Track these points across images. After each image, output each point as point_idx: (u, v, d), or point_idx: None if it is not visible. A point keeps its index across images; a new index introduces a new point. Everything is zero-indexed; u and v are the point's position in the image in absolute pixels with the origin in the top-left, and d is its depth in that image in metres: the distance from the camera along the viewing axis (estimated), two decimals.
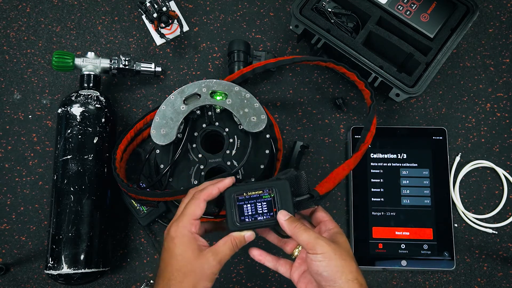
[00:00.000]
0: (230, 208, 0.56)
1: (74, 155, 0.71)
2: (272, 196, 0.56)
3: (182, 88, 0.69)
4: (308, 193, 0.56)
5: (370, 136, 0.66)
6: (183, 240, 0.54)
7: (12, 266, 0.77)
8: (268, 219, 0.56)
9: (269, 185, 0.56)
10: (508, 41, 0.84)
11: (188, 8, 0.87)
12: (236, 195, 0.56)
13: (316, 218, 0.59)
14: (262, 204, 0.56)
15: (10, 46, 0.85)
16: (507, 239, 0.78)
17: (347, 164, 0.62)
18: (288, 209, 0.55)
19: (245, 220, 0.56)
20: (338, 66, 0.71)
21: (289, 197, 0.55)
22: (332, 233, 0.56)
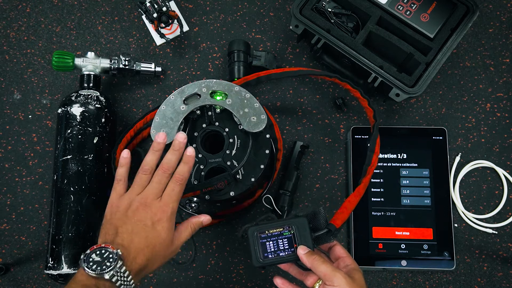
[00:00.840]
0: (253, 245, 0.59)
1: (74, 155, 0.71)
2: (292, 233, 0.59)
3: (182, 88, 0.69)
4: (325, 228, 0.59)
5: (376, 158, 0.67)
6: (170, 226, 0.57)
7: (12, 266, 0.77)
8: (290, 254, 0.58)
9: (288, 222, 0.59)
10: (508, 41, 0.84)
11: (188, 8, 0.87)
12: (258, 233, 0.59)
13: (335, 253, 0.61)
14: (283, 241, 0.59)
15: (10, 46, 0.85)
16: (507, 239, 0.78)
17: (358, 191, 0.64)
18: (307, 244, 0.58)
19: (268, 257, 0.59)
20: (342, 82, 0.72)
21: (308, 233, 0.58)
22: (349, 269, 0.57)
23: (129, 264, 0.53)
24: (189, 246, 0.78)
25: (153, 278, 0.77)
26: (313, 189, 0.80)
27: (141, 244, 0.55)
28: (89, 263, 0.52)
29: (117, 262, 0.52)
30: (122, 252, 0.53)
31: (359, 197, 0.64)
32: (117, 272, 0.52)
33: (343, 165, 0.81)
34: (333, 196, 0.80)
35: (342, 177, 0.80)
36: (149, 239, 0.55)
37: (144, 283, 0.77)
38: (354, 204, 0.63)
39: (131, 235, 0.55)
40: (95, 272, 0.51)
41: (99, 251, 0.53)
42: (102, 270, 0.51)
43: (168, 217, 0.57)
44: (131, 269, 0.53)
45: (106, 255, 0.52)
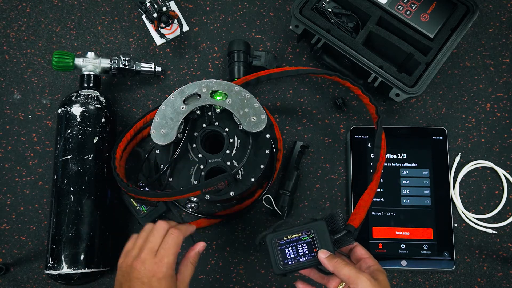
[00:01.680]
0: (273, 253, 0.58)
1: (74, 155, 0.71)
2: (311, 237, 0.58)
3: (182, 88, 0.69)
4: (344, 229, 0.58)
5: (383, 153, 0.67)
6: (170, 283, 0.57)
7: (12, 266, 0.77)
8: (310, 259, 0.58)
9: (306, 227, 0.58)
10: (508, 41, 0.84)
11: (188, 8, 0.87)
12: (277, 240, 0.58)
13: (356, 255, 0.60)
14: (302, 246, 0.58)
15: (10, 46, 0.85)
16: (507, 239, 0.78)
17: (371, 188, 0.64)
18: (327, 248, 0.57)
19: (289, 263, 0.58)
20: (343, 80, 0.72)
21: (327, 236, 0.57)
22: (373, 270, 0.56)
23: None
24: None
25: None
26: (313, 189, 0.80)
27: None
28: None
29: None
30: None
31: (372, 194, 0.64)
32: None
33: (343, 165, 0.81)
34: (333, 196, 0.80)
35: (342, 177, 0.80)
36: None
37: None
38: (369, 201, 0.63)
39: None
40: None
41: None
42: None
43: (163, 273, 0.57)
44: None
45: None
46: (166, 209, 0.77)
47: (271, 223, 0.79)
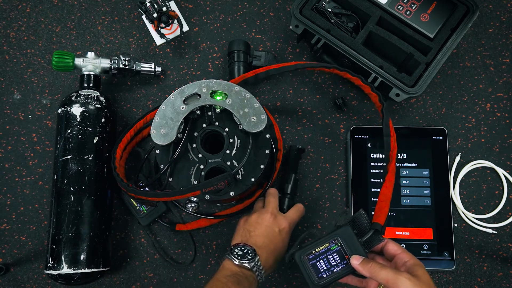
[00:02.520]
0: (305, 270, 0.57)
1: (74, 155, 0.71)
2: (340, 245, 0.57)
3: (182, 88, 0.69)
4: (371, 228, 0.57)
5: (394, 140, 0.66)
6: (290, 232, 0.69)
7: (12, 266, 0.77)
8: (344, 267, 0.57)
9: (332, 236, 0.57)
10: (508, 41, 0.84)
11: (188, 8, 0.87)
12: (306, 256, 0.57)
13: (389, 252, 0.58)
14: (333, 256, 0.57)
15: (10, 46, 0.85)
16: (507, 239, 0.78)
17: (388, 180, 0.62)
18: (358, 252, 0.56)
19: (323, 276, 0.57)
20: (341, 72, 0.71)
21: (355, 240, 0.56)
22: (410, 266, 0.55)
23: (262, 261, 0.64)
24: (189, 246, 0.78)
25: (153, 278, 0.77)
26: (313, 189, 0.80)
27: (271, 247, 0.66)
28: (235, 255, 0.63)
29: (255, 257, 0.63)
30: (257, 250, 0.64)
31: (391, 186, 0.62)
32: (256, 264, 0.62)
33: (343, 165, 0.81)
34: (333, 196, 0.80)
35: (342, 177, 0.80)
36: (275, 243, 0.66)
37: (144, 283, 0.77)
38: (390, 194, 0.61)
39: (263, 238, 0.66)
40: (240, 261, 0.62)
41: (240, 247, 0.64)
42: (245, 260, 0.62)
43: (290, 228, 0.69)
44: (264, 265, 0.64)
45: (246, 250, 0.63)
46: (166, 209, 0.77)
47: None
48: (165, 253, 0.78)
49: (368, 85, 0.70)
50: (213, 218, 0.77)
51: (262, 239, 0.66)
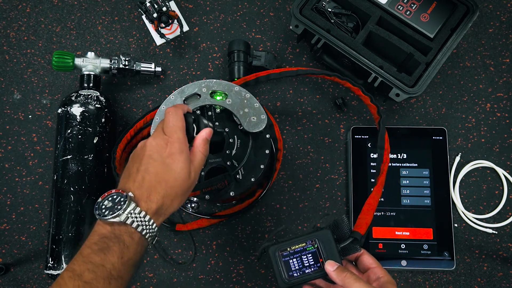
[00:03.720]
0: (277, 266, 0.56)
1: (74, 155, 0.71)
2: (316, 247, 0.55)
3: (182, 88, 0.69)
4: (350, 236, 0.56)
5: (387, 154, 0.66)
6: (182, 158, 0.52)
7: (12, 266, 0.77)
8: (316, 270, 0.55)
9: (311, 236, 0.56)
10: (508, 41, 0.84)
11: (188, 8, 0.87)
12: (280, 252, 0.56)
13: (363, 264, 0.57)
14: (307, 257, 0.56)
15: (10, 46, 0.85)
16: (507, 239, 0.78)
17: (375, 192, 0.62)
18: (334, 258, 0.55)
19: (294, 275, 0.55)
20: (342, 80, 0.71)
21: (333, 245, 0.55)
22: (383, 283, 0.54)
23: (143, 204, 0.50)
24: (189, 246, 0.78)
25: (153, 278, 0.77)
26: (313, 189, 0.80)
27: (152, 181, 0.51)
28: (101, 210, 0.49)
29: (129, 204, 0.48)
30: (135, 194, 0.50)
31: (378, 197, 0.61)
32: (131, 214, 0.48)
33: (343, 165, 0.81)
34: (333, 196, 0.80)
35: (342, 177, 0.80)
36: (160, 174, 0.51)
37: (144, 283, 0.77)
38: (375, 205, 0.60)
39: (142, 174, 0.52)
40: (106, 217, 0.48)
41: (110, 197, 0.50)
42: (114, 213, 0.48)
43: (177, 148, 0.52)
44: (147, 209, 0.50)
45: (118, 199, 0.49)
46: None
47: (271, 223, 0.79)
48: (165, 253, 0.78)
49: (368, 96, 0.70)
50: (213, 218, 0.77)
51: (141, 176, 0.51)
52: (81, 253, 0.48)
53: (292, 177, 0.80)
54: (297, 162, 0.81)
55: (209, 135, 0.58)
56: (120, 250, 0.48)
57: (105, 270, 0.47)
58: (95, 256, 0.47)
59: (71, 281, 0.46)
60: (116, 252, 0.48)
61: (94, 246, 0.47)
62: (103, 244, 0.48)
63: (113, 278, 0.47)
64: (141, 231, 0.49)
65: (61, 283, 0.46)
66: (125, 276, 0.49)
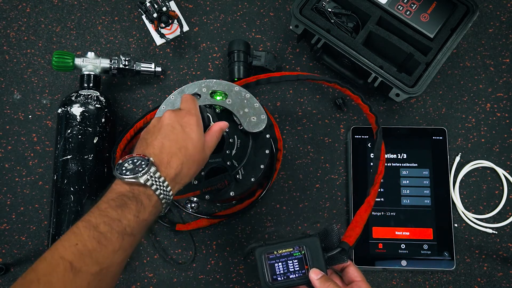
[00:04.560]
0: (262, 267, 0.55)
1: (74, 155, 0.71)
2: (303, 253, 0.55)
3: (182, 88, 0.69)
4: (338, 246, 0.55)
5: (382, 165, 0.65)
6: (200, 130, 0.56)
7: (12, 266, 0.77)
8: (300, 276, 0.55)
9: (299, 242, 0.55)
10: (508, 41, 0.84)
11: (188, 8, 0.87)
12: (267, 254, 0.55)
13: (348, 276, 0.56)
14: (293, 262, 0.55)
15: (10, 46, 0.85)
16: (507, 239, 0.78)
17: (368, 203, 0.61)
18: (319, 267, 0.54)
19: (277, 279, 0.55)
20: (342, 88, 0.70)
21: (320, 254, 0.55)
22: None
23: (163, 170, 0.52)
24: (189, 246, 0.78)
25: (153, 278, 0.77)
26: (313, 189, 0.80)
27: (173, 148, 0.53)
28: (122, 171, 0.50)
29: (149, 167, 0.50)
30: (155, 159, 0.52)
31: (370, 208, 0.61)
32: (151, 177, 0.50)
33: (343, 165, 0.81)
34: (333, 196, 0.80)
35: (342, 177, 0.80)
36: (180, 141, 0.54)
37: (144, 283, 0.77)
38: (366, 217, 0.60)
39: (162, 140, 0.54)
40: (127, 177, 0.50)
41: (131, 160, 0.51)
42: (135, 174, 0.49)
43: (195, 120, 0.56)
44: (166, 175, 0.52)
45: (139, 162, 0.51)
46: None
47: (271, 223, 0.78)
48: (165, 253, 0.78)
49: (367, 105, 0.69)
50: (213, 218, 0.77)
51: (161, 143, 0.53)
52: (98, 206, 0.49)
53: (292, 177, 0.80)
54: (297, 162, 0.81)
55: (225, 126, 0.62)
56: (137, 209, 0.49)
57: (121, 225, 0.48)
58: (112, 211, 0.48)
59: (86, 230, 0.47)
60: (133, 210, 0.49)
61: (111, 202, 0.49)
62: (121, 201, 0.49)
63: (127, 234, 0.48)
64: (159, 194, 0.51)
65: (76, 231, 0.47)
66: (137, 234, 0.50)
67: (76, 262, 0.45)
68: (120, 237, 0.47)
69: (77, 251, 0.45)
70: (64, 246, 0.46)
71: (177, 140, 0.54)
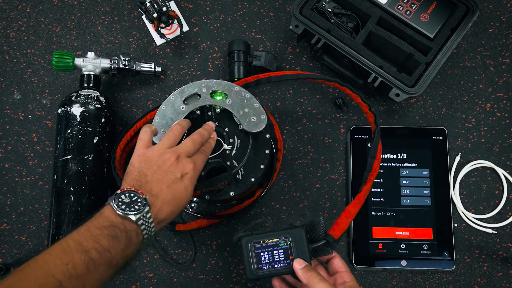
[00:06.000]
0: (247, 256, 0.57)
1: (74, 155, 0.71)
2: (289, 244, 0.56)
3: (182, 88, 0.69)
4: (323, 239, 0.57)
5: (377, 164, 0.65)
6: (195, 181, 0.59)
7: (12, 266, 0.77)
8: (285, 266, 0.56)
9: (285, 233, 0.56)
10: (508, 41, 0.84)
11: (188, 8, 0.87)
12: (253, 243, 0.57)
13: (333, 267, 0.58)
14: (279, 252, 0.56)
15: (10, 46, 0.85)
16: (507, 239, 0.78)
17: (358, 200, 0.62)
18: (304, 257, 0.56)
19: (263, 268, 0.56)
20: (343, 87, 0.70)
21: (305, 245, 0.56)
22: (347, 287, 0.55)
23: (154, 212, 0.54)
24: (189, 246, 0.78)
25: (153, 278, 0.77)
26: (313, 189, 0.80)
27: (168, 196, 0.55)
28: (118, 202, 0.52)
29: (144, 207, 0.52)
30: (150, 199, 0.54)
31: (359, 205, 0.62)
32: (144, 216, 0.52)
33: (343, 165, 0.81)
34: (333, 196, 0.80)
35: (342, 177, 0.80)
36: (176, 192, 0.56)
37: (144, 283, 0.77)
38: (355, 213, 0.61)
39: (160, 184, 0.55)
40: (123, 211, 0.51)
41: (129, 193, 0.53)
42: (130, 211, 0.51)
43: (196, 175, 0.58)
44: (155, 217, 0.54)
45: (135, 198, 0.52)
46: None
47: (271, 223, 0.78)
48: (165, 253, 0.78)
49: (366, 104, 0.69)
50: (213, 218, 0.77)
51: (159, 186, 0.55)
52: (90, 230, 0.50)
53: (292, 177, 0.80)
54: (297, 162, 0.81)
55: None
56: (125, 244, 0.51)
57: (110, 256, 0.49)
58: (104, 240, 0.49)
59: (77, 253, 0.47)
60: (121, 243, 0.50)
61: (104, 230, 0.50)
62: (113, 231, 0.50)
63: (112, 266, 0.50)
64: (144, 234, 0.53)
65: (66, 250, 0.48)
66: (119, 268, 0.51)
67: (65, 284, 0.45)
68: (106, 268, 0.49)
69: (68, 272, 0.46)
70: (56, 263, 0.46)
71: (174, 190, 0.56)
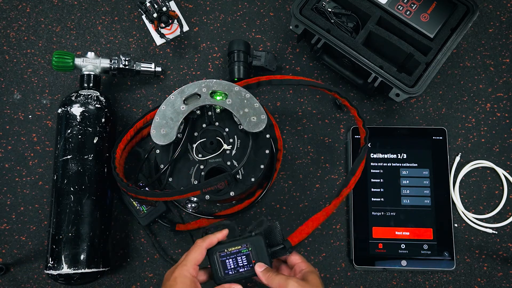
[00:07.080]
0: (214, 264, 0.62)
1: (74, 155, 0.71)
2: (250, 250, 0.62)
3: (182, 88, 0.69)
4: (281, 244, 0.62)
5: (354, 180, 0.67)
6: (185, 281, 0.59)
7: (12, 266, 0.77)
8: (248, 270, 0.62)
9: (245, 241, 0.62)
10: (508, 41, 0.84)
11: (188, 8, 0.87)
12: (218, 253, 0.62)
13: (291, 261, 0.64)
14: (242, 258, 0.62)
15: (10, 46, 0.85)
16: (507, 239, 0.78)
17: (325, 211, 0.65)
18: (264, 260, 0.61)
19: (229, 274, 0.62)
20: (342, 98, 0.72)
21: (264, 250, 0.61)
22: (304, 273, 0.60)
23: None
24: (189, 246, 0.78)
25: (153, 278, 0.77)
26: (313, 189, 0.80)
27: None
28: None
29: None
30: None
31: (325, 217, 0.65)
32: None
33: (343, 165, 0.81)
34: (333, 196, 0.80)
35: (342, 177, 0.80)
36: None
37: (144, 283, 0.77)
38: (318, 223, 0.65)
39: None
40: None
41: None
42: None
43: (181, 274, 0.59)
44: None
45: None
46: (166, 209, 0.77)
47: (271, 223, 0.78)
48: (165, 253, 0.78)
49: (361, 119, 0.70)
50: (213, 218, 0.77)
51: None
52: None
53: (292, 177, 0.80)
54: (297, 162, 0.81)
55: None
56: None
57: None
58: None
59: None
60: None
61: None
62: None
63: None
64: None
65: None
66: None
67: None
68: None
69: None
70: None
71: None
